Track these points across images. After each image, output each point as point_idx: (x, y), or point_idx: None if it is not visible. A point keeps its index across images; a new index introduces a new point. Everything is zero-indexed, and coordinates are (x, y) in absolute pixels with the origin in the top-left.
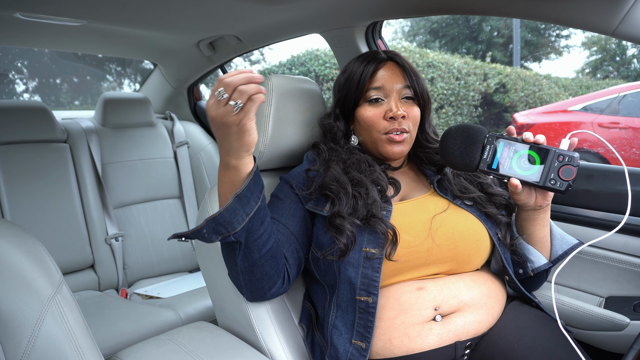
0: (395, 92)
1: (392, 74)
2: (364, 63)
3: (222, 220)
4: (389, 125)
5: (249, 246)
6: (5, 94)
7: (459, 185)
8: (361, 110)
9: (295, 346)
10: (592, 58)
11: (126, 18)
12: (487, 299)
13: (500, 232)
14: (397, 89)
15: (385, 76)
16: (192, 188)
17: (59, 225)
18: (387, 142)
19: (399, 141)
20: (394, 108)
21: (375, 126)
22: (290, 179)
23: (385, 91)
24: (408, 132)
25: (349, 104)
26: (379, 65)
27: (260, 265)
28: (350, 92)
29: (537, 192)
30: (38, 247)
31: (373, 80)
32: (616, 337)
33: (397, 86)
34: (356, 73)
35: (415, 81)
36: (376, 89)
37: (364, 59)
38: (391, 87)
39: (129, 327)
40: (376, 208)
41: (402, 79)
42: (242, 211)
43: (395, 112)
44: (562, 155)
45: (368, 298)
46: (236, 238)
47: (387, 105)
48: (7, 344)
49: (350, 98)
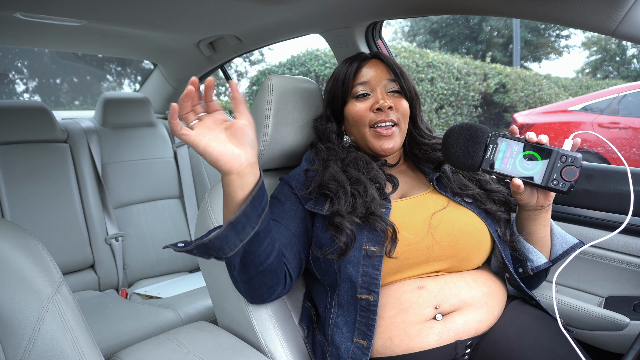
0: (381, 85)
1: (377, 69)
2: (348, 62)
3: (213, 245)
4: (376, 117)
5: (245, 264)
6: (5, 94)
7: (458, 183)
8: (349, 106)
9: (295, 346)
10: (592, 58)
11: (126, 18)
12: (488, 298)
13: (500, 228)
14: (382, 82)
15: (369, 71)
16: (192, 188)
17: (59, 225)
18: (375, 137)
19: (386, 135)
20: (380, 99)
21: (362, 120)
22: (290, 180)
23: (371, 85)
24: (397, 125)
25: (338, 103)
26: (362, 63)
27: (258, 279)
28: (337, 91)
29: (539, 192)
30: (38, 247)
31: (358, 76)
32: (616, 337)
33: (383, 80)
34: (341, 72)
35: (401, 75)
36: (362, 84)
37: (348, 59)
38: (376, 81)
39: (129, 327)
40: (375, 206)
41: (387, 73)
42: (235, 238)
43: (382, 103)
44: (565, 155)
45: (369, 296)
46: (229, 261)
47: (373, 98)
48: (7, 344)
49: (338, 97)
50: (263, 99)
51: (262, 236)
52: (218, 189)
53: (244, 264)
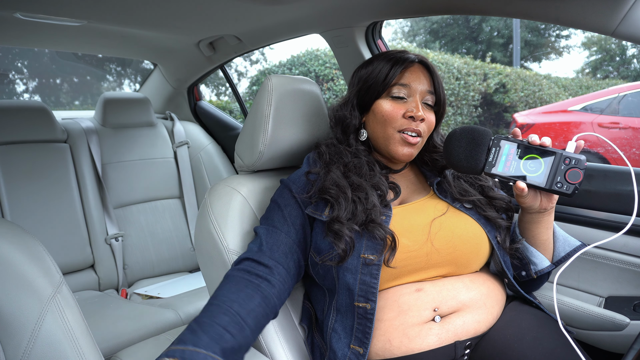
0: (419, 94)
1: (421, 75)
2: (393, 59)
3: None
4: (406, 124)
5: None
6: (5, 94)
7: (458, 188)
8: (381, 102)
9: (295, 347)
10: (592, 58)
11: (126, 18)
12: (486, 299)
13: (499, 235)
14: (421, 91)
15: (413, 76)
16: (192, 188)
17: (59, 225)
18: (400, 142)
19: (412, 143)
20: (414, 109)
21: (392, 122)
22: (290, 184)
23: (410, 90)
24: (421, 137)
25: (371, 95)
26: (409, 64)
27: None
28: (375, 83)
29: (542, 195)
30: (38, 247)
31: (401, 77)
32: (616, 337)
33: (423, 89)
34: (384, 68)
35: (440, 89)
36: (402, 85)
37: (394, 54)
38: (416, 88)
39: (129, 327)
40: (375, 213)
41: (428, 83)
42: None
43: (415, 112)
44: (569, 158)
45: (366, 304)
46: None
47: (408, 105)
48: (7, 344)
49: (374, 89)
50: (263, 99)
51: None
52: (218, 189)
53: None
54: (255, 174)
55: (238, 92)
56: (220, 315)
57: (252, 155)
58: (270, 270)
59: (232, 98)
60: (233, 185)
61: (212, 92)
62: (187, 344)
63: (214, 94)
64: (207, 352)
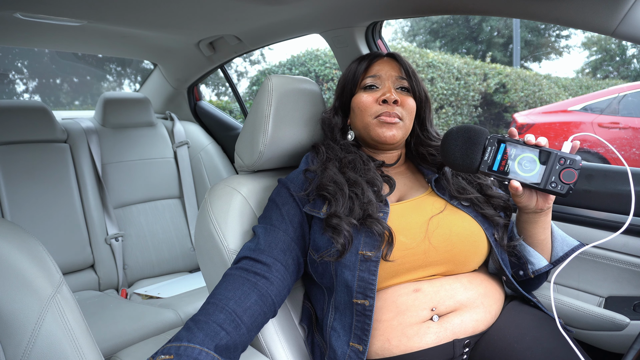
0: (391, 80)
1: (389, 65)
2: (362, 57)
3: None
4: (381, 109)
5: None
6: (5, 94)
7: (456, 186)
8: (357, 97)
9: (295, 346)
10: (592, 58)
11: (126, 18)
12: (484, 298)
13: (497, 233)
14: (391, 76)
15: (381, 67)
16: (192, 188)
17: (59, 225)
18: (378, 125)
19: (389, 122)
20: (387, 92)
21: (368, 110)
22: (288, 182)
23: (381, 79)
24: (401, 120)
25: (347, 95)
26: (376, 59)
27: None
28: (347, 81)
29: (538, 194)
30: (38, 247)
31: (370, 69)
32: (616, 337)
33: (393, 74)
34: (353, 66)
35: (412, 75)
36: (372, 76)
37: (363, 55)
38: (387, 76)
39: (129, 327)
40: (372, 208)
41: (398, 71)
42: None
43: (388, 96)
44: (564, 158)
45: (365, 301)
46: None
47: (381, 91)
48: (7, 344)
49: (348, 88)
50: (263, 99)
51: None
52: (218, 189)
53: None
54: (255, 174)
55: (238, 92)
56: (216, 313)
57: (252, 155)
58: (268, 268)
59: (232, 98)
60: (233, 185)
61: (212, 92)
62: (182, 341)
63: (214, 94)
64: (202, 347)
